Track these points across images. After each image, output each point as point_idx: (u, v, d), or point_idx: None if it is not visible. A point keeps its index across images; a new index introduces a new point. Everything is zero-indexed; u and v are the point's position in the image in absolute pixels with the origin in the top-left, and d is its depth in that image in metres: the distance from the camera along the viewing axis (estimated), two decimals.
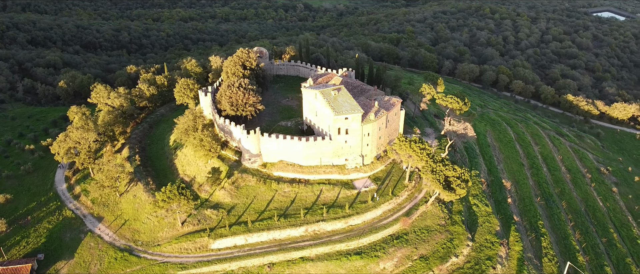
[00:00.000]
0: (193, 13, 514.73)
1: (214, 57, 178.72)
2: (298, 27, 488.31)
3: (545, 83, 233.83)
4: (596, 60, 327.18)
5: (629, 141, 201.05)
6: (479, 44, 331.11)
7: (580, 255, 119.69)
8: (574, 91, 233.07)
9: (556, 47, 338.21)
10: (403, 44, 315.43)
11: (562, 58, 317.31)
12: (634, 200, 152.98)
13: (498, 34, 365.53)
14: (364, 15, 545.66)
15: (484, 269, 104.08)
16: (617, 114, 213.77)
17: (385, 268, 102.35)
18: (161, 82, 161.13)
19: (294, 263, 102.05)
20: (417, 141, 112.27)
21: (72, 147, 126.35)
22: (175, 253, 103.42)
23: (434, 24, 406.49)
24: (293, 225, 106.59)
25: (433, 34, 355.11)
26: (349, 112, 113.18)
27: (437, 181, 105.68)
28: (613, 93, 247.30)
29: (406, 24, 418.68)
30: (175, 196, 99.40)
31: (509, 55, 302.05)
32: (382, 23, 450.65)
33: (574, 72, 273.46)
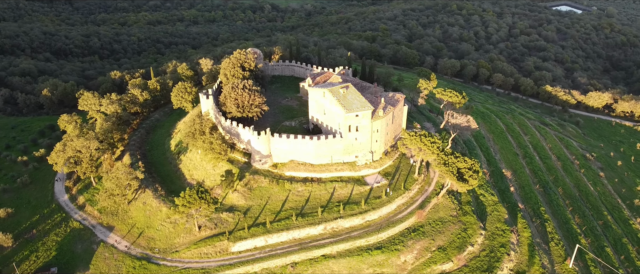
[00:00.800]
0: (160, 16, 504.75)
1: (204, 60, 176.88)
2: (268, 28, 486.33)
3: (522, 76, 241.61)
4: (563, 51, 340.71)
5: (606, 128, 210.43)
6: (452, 40, 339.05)
7: (582, 238, 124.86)
8: (549, 82, 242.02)
9: (525, 40, 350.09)
10: (379, 41, 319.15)
11: (532, 51, 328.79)
12: (620, 184, 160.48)
13: (469, 30, 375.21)
14: (333, 15, 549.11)
15: (499, 257, 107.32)
16: (592, 103, 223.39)
17: (406, 260, 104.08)
18: (154, 86, 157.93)
19: (316, 261, 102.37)
20: (427, 135, 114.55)
21: (72, 157, 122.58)
22: (195, 258, 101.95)
23: (405, 22, 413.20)
24: (311, 224, 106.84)
25: (407, 31, 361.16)
26: (359, 109, 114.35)
27: (451, 173, 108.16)
28: (585, 83, 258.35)
29: (378, 22, 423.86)
30: (196, 200, 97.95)
31: (482, 49, 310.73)
32: (354, 22, 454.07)
33: (546, 64, 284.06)
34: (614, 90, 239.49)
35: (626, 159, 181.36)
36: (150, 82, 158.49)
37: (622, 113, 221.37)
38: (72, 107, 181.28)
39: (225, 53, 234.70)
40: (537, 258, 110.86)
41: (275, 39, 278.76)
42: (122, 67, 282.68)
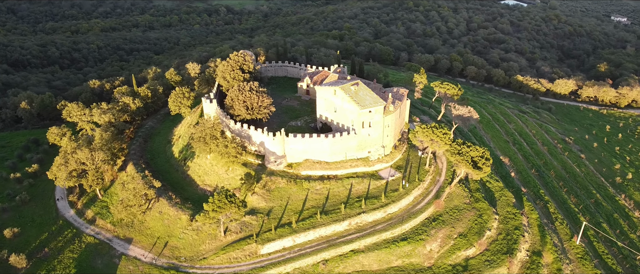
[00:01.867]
0: (114, 23, 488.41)
1: (191, 64, 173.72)
2: (228, 31, 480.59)
3: (492, 68, 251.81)
4: (520, 43, 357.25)
5: (575, 112, 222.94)
6: (416, 36, 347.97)
7: (581, 216, 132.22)
8: (517, 72, 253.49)
9: (484, 34, 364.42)
10: (347, 39, 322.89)
11: (493, 44, 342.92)
12: (600, 164, 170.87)
13: (430, 26, 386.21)
14: (291, 15, 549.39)
15: (515, 239, 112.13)
16: (560, 89, 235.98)
17: (431, 249, 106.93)
18: (145, 93, 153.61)
19: (346, 257, 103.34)
20: (438, 127, 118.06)
21: (74, 170, 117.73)
22: (225, 263, 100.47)
23: (367, 20, 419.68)
24: (336, 220, 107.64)
25: (372, 29, 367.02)
26: (372, 105, 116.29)
27: (466, 162, 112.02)
28: (548, 71, 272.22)
29: (340, 21, 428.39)
30: (226, 204, 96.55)
31: (448, 44, 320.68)
32: (315, 21, 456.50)
33: (509, 55, 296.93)
34: (577, 77, 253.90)
35: (599, 141, 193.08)
36: (141, 89, 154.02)
37: (586, 98, 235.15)
38: (53, 119, 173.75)
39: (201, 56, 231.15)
40: (548, 238, 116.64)
41: (255, 41, 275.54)
42: (88, 76, 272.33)
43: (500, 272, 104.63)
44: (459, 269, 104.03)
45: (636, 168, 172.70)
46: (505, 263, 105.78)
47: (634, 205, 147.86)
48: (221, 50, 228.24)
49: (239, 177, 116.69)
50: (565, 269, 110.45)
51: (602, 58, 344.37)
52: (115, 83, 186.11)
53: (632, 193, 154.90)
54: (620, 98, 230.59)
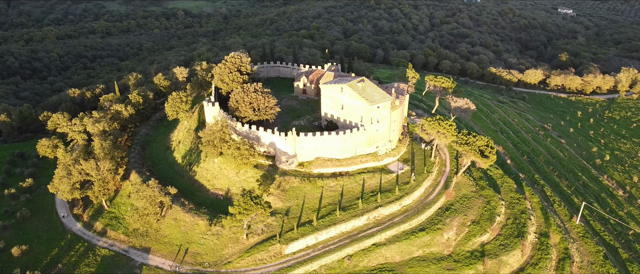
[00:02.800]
0: (69, 30, 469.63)
1: (178, 68, 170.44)
2: (190, 34, 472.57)
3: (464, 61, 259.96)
4: (482, 36, 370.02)
5: (547, 101, 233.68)
6: (384, 33, 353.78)
7: (575, 197, 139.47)
8: (487, 65, 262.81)
9: (448, 29, 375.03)
10: (317, 38, 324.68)
11: (458, 39, 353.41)
12: (579, 148, 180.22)
13: (395, 22, 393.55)
14: (253, 16, 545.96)
15: (523, 222, 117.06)
16: (530, 79, 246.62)
17: (449, 237, 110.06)
18: (136, 100, 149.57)
19: (369, 250, 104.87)
20: (443, 119, 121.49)
21: (78, 181, 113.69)
22: (251, 266, 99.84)
23: (332, 18, 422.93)
24: (355, 216, 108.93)
25: (340, 27, 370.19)
26: (380, 100, 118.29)
27: (475, 151, 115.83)
28: (515, 63, 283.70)
29: (304, 21, 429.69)
30: (252, 206, 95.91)
31: (417, 39, 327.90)
32: (279, 22, 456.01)
33: (476, 48, 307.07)
34: (543, 67, 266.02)
35: (574, 126, 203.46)
36: (131, 95, 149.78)
37: (555, 86, 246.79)
38: (35, 131, 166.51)
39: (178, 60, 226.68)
40: (551, 220, 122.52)
41: (231, 43, 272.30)
42: (55, 85, 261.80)
43: (515, 255, 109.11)
44: (477, 255, 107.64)
45: (611, 150, 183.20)
46: (519, 246, 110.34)
47: (616, 185, 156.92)
48: (199, 54, 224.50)
49: (251, 179, 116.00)
50: (571, 248, 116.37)
51: (559, 49, 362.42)
52: (96, 91, 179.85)
53: (612, 173, 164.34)
54: (585, 85, 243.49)
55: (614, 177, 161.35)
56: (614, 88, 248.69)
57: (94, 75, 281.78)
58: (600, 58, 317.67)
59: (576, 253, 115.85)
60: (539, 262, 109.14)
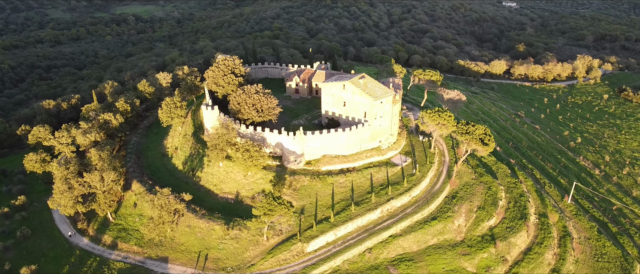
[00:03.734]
0: (14, 40, 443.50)
1: (161, 74, 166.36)
2: (145, 40, 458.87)
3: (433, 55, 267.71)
4: (442, 31, 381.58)
5: (513, 89, 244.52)
6: (347, 31, 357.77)
7: (561, 179, 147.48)
8: (453, 58, 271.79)
9: (407, 25, 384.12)
10: (282, 38, 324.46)
11: (418, 34, 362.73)
12: (552, 133, 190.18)
13: (355, 20, 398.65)
14: (208, 19, 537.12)
15: (524, 205, 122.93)
16: (495, 70, 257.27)
17: (459, 224, 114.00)
18: (124, 108, 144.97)
19: (387, 242, 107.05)
20: (443, 111, 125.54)
21: (83, 195, 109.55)
22: (275, 267, 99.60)
23: (293, 18, 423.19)
24: (369, 210, 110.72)
25: (303, 27, 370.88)
26: (383, 95, 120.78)
27: (476, 140, 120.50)
28: (478, 55, 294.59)
29: (264, 22, 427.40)
30: (276, 206, 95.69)
31: (381, 36, 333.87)
32: (237, 24, 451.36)
33: (439, 42, 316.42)
34: (505, 57, 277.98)
35: (543, 112, 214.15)
36: (118, 103, 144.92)
37: (519, 76, 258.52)
38: (10, 146, 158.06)
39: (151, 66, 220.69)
40: (547, 201, 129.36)
41: (200, 47, 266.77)
42: (14, 98, 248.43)
43: (522, 236, 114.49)
44: (488, 239, 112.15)
45: (580, 133, 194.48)
46: (524, 227, 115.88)
47: (592, 165, 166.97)
48: (172, 59, 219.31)
49: (260, 181, 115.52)
50: (569, 226, 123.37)
51: (512, 40, 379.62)
52: (72, 101, 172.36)
53: (586, 154, 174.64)
54: (546, 73, 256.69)
55: (588, 158, 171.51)
56: (572, 75, 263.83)
57: (55, 85, 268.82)
58: (552, 47, 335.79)
59: (573, 230, 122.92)
60: (544, 241, 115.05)
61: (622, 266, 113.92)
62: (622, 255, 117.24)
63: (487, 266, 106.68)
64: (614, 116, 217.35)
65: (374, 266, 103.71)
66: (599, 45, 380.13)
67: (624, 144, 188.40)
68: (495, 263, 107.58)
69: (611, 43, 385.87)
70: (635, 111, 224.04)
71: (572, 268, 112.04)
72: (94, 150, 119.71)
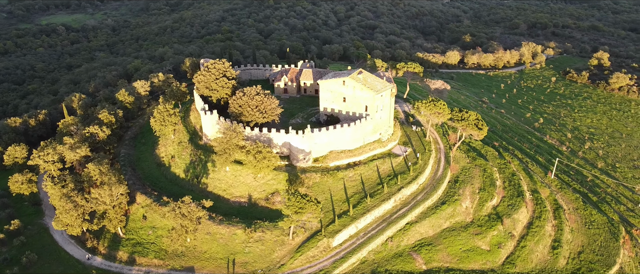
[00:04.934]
0: None
1: (139, 82, 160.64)
2: (84, 49, 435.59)
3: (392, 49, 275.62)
4: (390, 26, 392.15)
5: (470, 78, 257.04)
6: (298, 30, 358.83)
7: (539, 157, 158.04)
8: (408, 51, 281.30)
9: (355, 22, 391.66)
10: (235, 40, 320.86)
11: (368, 30, 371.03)
12: (517, 116, 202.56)
13: (304, 20, 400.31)
14: (146, 26, 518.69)
15: (517, 182, 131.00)
16: (451, 60, 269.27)
17: (467, 206, 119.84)
18: (108, 120, 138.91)
19: (405, 230, 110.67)
20: (437, 101, 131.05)
21: (90, 212, 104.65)
22: (305, 264, 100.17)
23: (238, 20, 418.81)
24: (383, 200, 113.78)
25: (253, 29, 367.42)
26: (383, 89, 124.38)
27: (473, 125, 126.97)
28: (430, 47, 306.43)
29: (210, 26, 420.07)
30: (306, 204, 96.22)
31: (334, 34, 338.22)
32: (181, 29, 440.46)
33: (391, 37, 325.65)
34: (456, 48, 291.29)
35: (503, 97, 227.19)
36: (102, 115, 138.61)
37: (472, 65, 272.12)
38: None
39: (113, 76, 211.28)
40: (535, 178, 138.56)
41: (160, 53, 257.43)
42: None
43: (523, 212, 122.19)
44: (494, 217, 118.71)
45: (540, 114, 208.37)
46: (523, 204, 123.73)
47: (558, 142, 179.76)
48: (135, 67, 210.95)
49: (272, 181, 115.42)
50: (559, 199, 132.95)
51: (454, 32, 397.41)
52: (40, 117, 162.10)
53: (550, 133, 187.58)
54: (497, 61, 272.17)
55: (553, 136, 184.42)
56: (520, 61, 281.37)
57: (4, 102, 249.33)
58: (494, 37, 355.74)
59: (563, 202, 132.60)
60: (541, 215, 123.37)
61: (610, 231, 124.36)
62: (608, 221, 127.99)
63: (498, 242, 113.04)
64: (564, 97, 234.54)
65: (398, 253, 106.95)
66: (533, 33, 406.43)
67: (579, 121, 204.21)
68: (504, 239, 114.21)
69: (542, 30, 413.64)
70: (582, 91, 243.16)
71: (570, 236, 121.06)
72: (92, 165, 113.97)
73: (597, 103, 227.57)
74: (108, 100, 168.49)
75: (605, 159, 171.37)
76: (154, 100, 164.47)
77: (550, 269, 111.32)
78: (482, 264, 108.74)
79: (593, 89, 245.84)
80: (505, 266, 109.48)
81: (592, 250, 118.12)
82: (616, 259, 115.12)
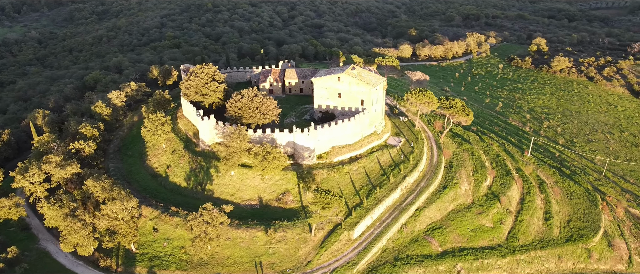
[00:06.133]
0: None
1: (114, 93, 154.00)
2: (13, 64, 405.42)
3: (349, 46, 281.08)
4: (335, 24, 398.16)
5: (425, 69, 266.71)
6: (246, 32, 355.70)
7: (511, 137, 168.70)
8: (362, 46, 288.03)
9: (300, 21, 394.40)
10: (183, 45, 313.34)
11: (315, 29, 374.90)
12: (477, 102, 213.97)
13: (248, 22, 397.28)
14: (77, 36, 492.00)
15: (502, 162, 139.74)
16: (404, 53, 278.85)
17: (465, 188, 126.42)
18: (91, 134, 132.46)
19: (416, 216, 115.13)
20: (425, 91, 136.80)
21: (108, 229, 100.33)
22: (331, 258, 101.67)
23: (181, 26, 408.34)
24: (391, 189, 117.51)
25: (199, 34, 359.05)
26: (378, 83, 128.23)
27: (461, 112, 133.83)
28: (380, 42, 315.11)
29: (151, 32, 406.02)
30: (331, 198, 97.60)
31: (286, 34, 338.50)
32: (119, 37, 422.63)
33: (340, 35, 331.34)
34: (406, 42, 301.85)
35: (460, 86, 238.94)
36: (84, 129, 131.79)
37: (424, 57, 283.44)
38: None
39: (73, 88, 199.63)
40: (515, 156, 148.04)
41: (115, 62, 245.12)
42: None
43: (514, 189, 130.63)
44: (491, 196, 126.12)
45: (498, 98, 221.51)
46: (513, 182, 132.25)
47: (521, 123, 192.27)
48: (94, 79, 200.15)
49: (281, 181, 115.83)
50: (541, 174, 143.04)
51: (396, 27, 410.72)
52: (4, 137, 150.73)
53: (511, 116, 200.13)
54: (447, 52, 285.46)
55: (515, 118, 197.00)
56: (467, 51, 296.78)
57: None
58: (436, 29, 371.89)
59: (544, 177, 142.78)
60: (530, 190, 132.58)
61: (589, 199, 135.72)
62: (585, 190, 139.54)
63: (500, 219, 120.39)
64: (514, 81, 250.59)
65: (414, 239, 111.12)
66: (468, 24, 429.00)
67: (533, 103, 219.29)
68: (504, 216, 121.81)
69: (476, 21, 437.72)
70: (528, 75, 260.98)
71: (557, 208, 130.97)
72: (91, 181, 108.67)
73: (544, 85, 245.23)
74: (77, 114, 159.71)
75: (564, 136, 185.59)
76: (130, 111, 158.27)
77: (547, 240, 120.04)
78: (489, 241, 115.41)
79: (537, 73, 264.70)
80: (510, 240, 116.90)
81: (578, 218, 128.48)
82: (600, 224, 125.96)
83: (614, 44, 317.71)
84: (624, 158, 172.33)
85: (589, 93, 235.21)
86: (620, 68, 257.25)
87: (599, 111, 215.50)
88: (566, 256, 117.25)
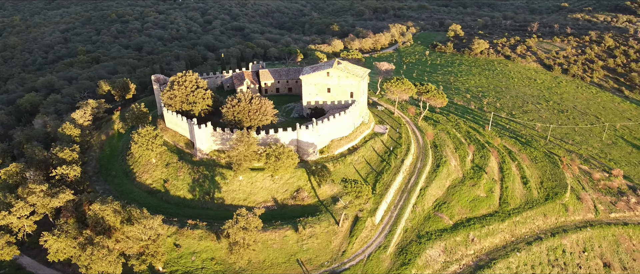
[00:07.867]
0: None
1: (78, 112, 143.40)
2: None
3: None
4: (258, 26, 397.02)
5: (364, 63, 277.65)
6: (167, 40, 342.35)
7: (466, 115, 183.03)
8: (297, 45, 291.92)
9: (220, 25, 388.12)
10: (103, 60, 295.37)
11: (237, 31, 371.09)
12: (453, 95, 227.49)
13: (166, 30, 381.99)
14: None
15: (474, 137, 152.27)
16: (337, 49, 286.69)
17: (454, 164, 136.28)
18: (71, 157, 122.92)
19: (422, 195, 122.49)
20: (403, 79, 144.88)
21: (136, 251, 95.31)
22: (363, 245, 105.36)
23: (90, 39, 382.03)
24: (395, 173, 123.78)
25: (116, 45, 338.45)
26: (364, 75, 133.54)
27: (439, 96, 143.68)
28: (309, 40, 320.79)
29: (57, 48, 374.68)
30: (362, 187, 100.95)
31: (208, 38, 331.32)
32: (16, 57, 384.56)
33: (270, 35, 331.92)
34: (333, 38, 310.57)
35: (398, 73, 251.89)
36: (64, 154, 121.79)
37: (355, 50, 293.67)
38: None
39: None
40: (481, 131, 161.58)
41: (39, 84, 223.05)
42: None
43: (492, 160, 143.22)
44: (477, 169, 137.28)
45: (436, 83, 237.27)
46: (489, 153, 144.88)
47: (465, 103, 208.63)
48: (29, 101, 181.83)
49: (292, 179, 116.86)
50: (506, 144, 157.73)
51: (314, 24, 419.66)
52: None
53: (454, 97, 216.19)
54: (376, 44, 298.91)
55: (459, 99, 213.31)
56: (392, 42, 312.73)
57: None
58: (353, 24, 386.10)
59: (509, 146, 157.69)
60: (504, 159, 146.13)
61: (550, 161, 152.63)
62: (544, 154, 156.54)
63: (490, 188, 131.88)
64: (443, 66, 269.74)
65: (426, 216, 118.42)
66: (379, 17, 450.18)
67: (467, 84, 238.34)
68: (492, 184, 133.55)
69: (385, 13, 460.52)
70: (454, 59, 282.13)
71: (529, 172, 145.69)
72: (98, 205, 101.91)
73: (470, 67, 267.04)
74: (31, 141, 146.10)
75: (503, 110, 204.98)
76: (95, 130, 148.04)
77: (531, 201, 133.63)
78: (487, 209, 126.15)
79: (461, 56, 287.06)
80: (503, 206, 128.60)
81: (547, 178, 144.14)
82: (566, 181, 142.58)
83: (514, 25, 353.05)
84: (556, 123, 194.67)
85: (510, 70, 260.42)
86: (529, 46, 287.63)
87: (523, 85, 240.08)
88: (549, 212, 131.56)
